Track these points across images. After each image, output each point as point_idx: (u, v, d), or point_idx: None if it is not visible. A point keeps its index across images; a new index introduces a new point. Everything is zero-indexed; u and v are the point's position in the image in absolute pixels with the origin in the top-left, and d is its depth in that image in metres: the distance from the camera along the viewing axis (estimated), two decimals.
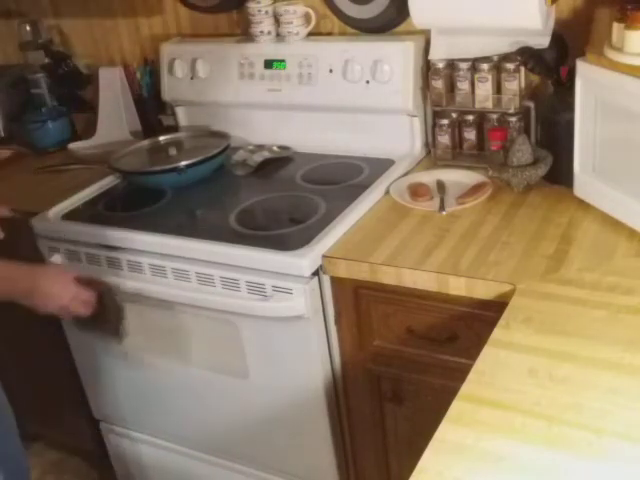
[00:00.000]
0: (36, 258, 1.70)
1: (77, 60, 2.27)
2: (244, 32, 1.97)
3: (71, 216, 1.72)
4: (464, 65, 1.63)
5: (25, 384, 2.02)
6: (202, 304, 1.52)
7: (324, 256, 1.40)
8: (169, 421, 1.84)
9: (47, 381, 2.04)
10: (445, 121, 1.72)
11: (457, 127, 1.73)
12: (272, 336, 1.50)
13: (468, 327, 1.33)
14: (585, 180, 1.43)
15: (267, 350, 1.54)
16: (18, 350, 2.03)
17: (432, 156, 1.77)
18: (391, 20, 1.77)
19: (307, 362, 1.50)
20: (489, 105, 1.64)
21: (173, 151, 1.85)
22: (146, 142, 1.98)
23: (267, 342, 1.52)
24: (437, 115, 1.74)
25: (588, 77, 1.35)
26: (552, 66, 1.55)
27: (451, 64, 1.66)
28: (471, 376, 1.00)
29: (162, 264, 1.54)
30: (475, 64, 1.62)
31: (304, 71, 1.82)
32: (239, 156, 1.89)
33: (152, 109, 2.14)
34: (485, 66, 1.61)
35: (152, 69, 2.12)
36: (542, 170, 1.52)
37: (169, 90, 2.03)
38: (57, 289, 1.43)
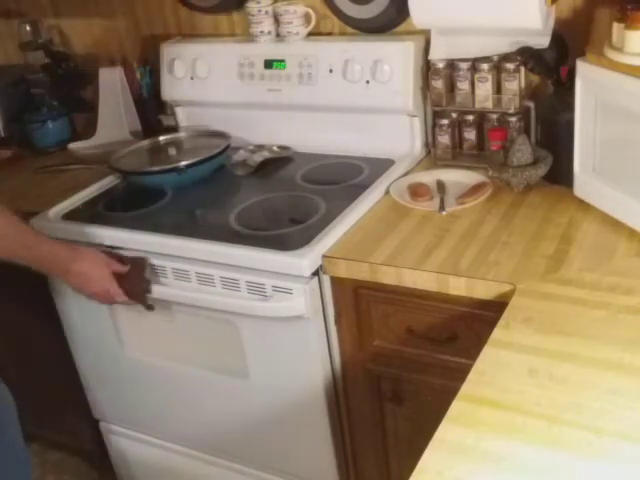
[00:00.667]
0: None
1: (77, 60, 2.27)
2: (244, 32, 1.97)
3: (71, 216, 1.72)
4: (464, 65, 1.63)
5: (25, 384, 2.01)
6: (202, 304, 1.52)
7: (324, 256, 1.40)
8: (169, 421, 1.84)
9: (47, 381, 2.04)
10: (445, 121, 1.72)
11: (457, 127, 1.73)
12: (272, 336, 1.50)
13: (468, 327, 1.33)
14: (585, 180, 1.43)
15: (267, 350, 1.54)
16: (18, 350, 2.03)
17: (432, 156, 1.77)
18: (391, 20, 1.77)
19: (307, 362, 1.50)
20: (489, 105, 1.64)
21: (173, 151, 1.85)
22: (146, 142, 1.98)
23: (267, 342, 1.52)
24: (437, 115, 1.74)
25: (588, 77, 1.35)
26: (552, 66, 1.55)
27: (451, 64, 1.66)
28: (471, 376, 1.00)
29: (162, 264, 1.54)
30: (475, 64, 1.62)
31: (304, 71, 1.82)
32: (239, 156, 1.89)
33: (152, 109, 2.14)
34: (485, 66, 1.61)
35: (152, 69, 2.12)
36: (542, 170, 1.52)
37: (169, 90, 2.03)
38: (95, 275, 1.47)
